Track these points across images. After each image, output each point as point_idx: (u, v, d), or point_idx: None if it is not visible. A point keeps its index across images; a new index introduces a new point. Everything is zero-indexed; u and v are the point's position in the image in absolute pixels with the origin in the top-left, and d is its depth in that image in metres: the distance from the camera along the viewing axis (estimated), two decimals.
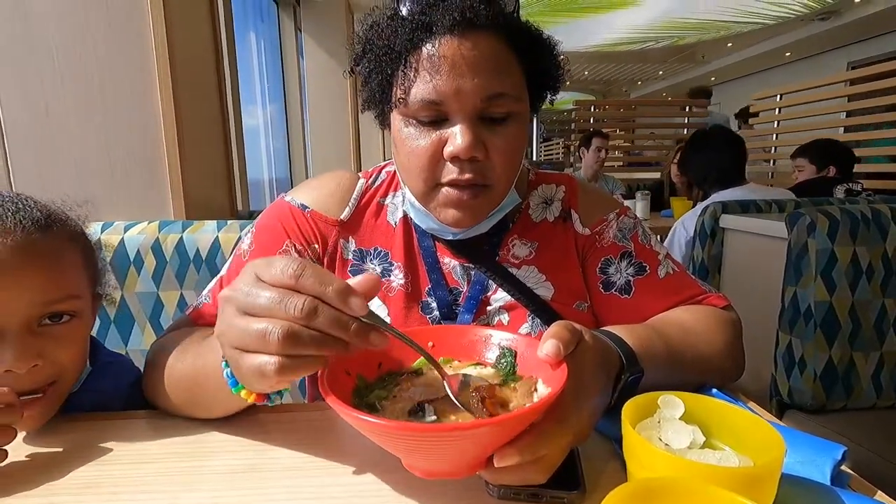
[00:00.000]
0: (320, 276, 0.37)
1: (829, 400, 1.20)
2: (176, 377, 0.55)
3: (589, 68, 10.03)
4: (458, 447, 0.36)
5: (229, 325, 0.39)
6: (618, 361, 0.50)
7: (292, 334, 0.36)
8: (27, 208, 0.55)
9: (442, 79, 0.58)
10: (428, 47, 0.58)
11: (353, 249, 0.72)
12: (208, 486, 0.45)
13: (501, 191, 0.65)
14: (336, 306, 0.37)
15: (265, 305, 0.37)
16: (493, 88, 0.58)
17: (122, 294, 1.05)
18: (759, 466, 0.34)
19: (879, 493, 0.43)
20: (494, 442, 0.36)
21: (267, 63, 3.57)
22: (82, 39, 1.14)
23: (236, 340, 0.39)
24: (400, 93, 0.60)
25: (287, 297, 0.37)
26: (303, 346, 0.37)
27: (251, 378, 0.39)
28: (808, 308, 1.19)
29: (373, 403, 0.42)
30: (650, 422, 0.39)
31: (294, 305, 0.36)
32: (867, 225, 1.19)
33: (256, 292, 0.38)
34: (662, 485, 0.30)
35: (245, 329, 0.38)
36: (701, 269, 1.73)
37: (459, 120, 0.59)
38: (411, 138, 0.62)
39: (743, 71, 9.20)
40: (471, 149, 0.58)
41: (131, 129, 1.19)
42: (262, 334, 0.37)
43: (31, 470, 0.49)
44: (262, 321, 0.37)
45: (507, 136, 0.61)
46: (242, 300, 0.38)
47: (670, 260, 0.74)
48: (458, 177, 0.61)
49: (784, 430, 0.45)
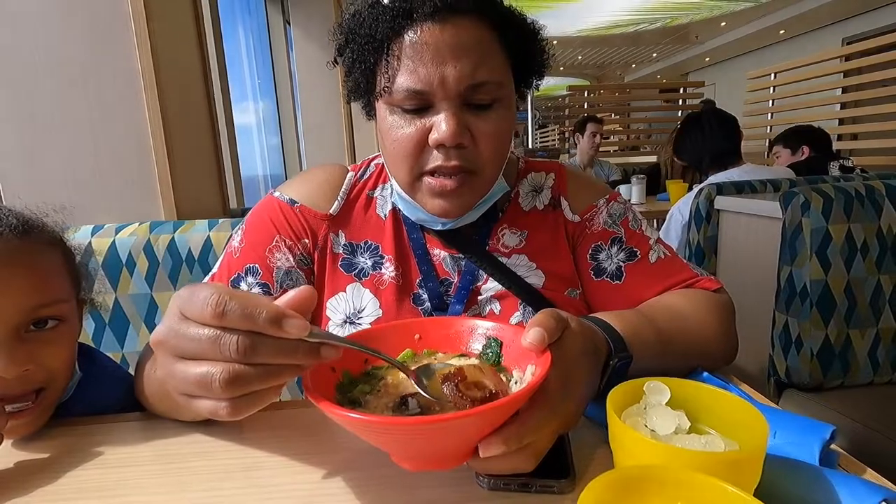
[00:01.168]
0: (246, 306, 0.33)
1: (826, 378, 1.21)
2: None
3: (582, 52, 9.94)
4: (442, 439, 0.36)
5: (170, 373, 0.36)
6: (605, 347, 0.49)
7: (235, 376, 0.33)
8: (2, 216, 0.54)
9: (425, 67, 0.57)
10: (410, 35, 0.58)
11: (344, 243, 0.72)
12: (202, 487, 0.45)
13: (488, 178, 0.65)
14: (273, 335, 0.33)
15: (198, 350, 0.34)
16: (477, 76, 0.58)
17: (115, 297, 1.05)
18: (742, 450, 0.34)
19: (869, 472, 0.43)
20: (479, 432, 0.36)
21: (256, 58, 3.54)
22: (64, 42, 1.13)
23: (181, 388, 0.35)
24: (384, 82, 0.60)
25: (219, 336, 0.33)
26: (249, 384, 0.34)
27: (202, 414, 0.36)
28: (804, 287, 1.18)
29: (356, 399, 0.41)
30: (636, 408, 0.39)
31: (228, 346, 0.33)
32: (861, 202, 1.18)
33: (185, 333, 0.34)
34: (646, 473, 0.30)
35: (185, 376, 0.34)
36: (697, 251, 1.73)
37: (444, 107, 0.59)
38: (396, 127, 0.61)
39: (737, 50, 9.12)
40: (456, 135, 0.58)
41: (118, 131, 1.18)
42: (204, 381, 0.33)
43: (22, 476, 0.49)
44: (201, 365, 0.34)
45: (493, 122, 0.61)
46: (174, 343, 0.35)
47: (661, 244, 0.74)
48: (443, 163, 0.60)
49: (773, 411, 0.45)
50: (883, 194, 1.20)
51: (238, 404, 0.34)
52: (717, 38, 8.88)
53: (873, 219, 1.19)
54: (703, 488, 0.29)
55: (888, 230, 1.19)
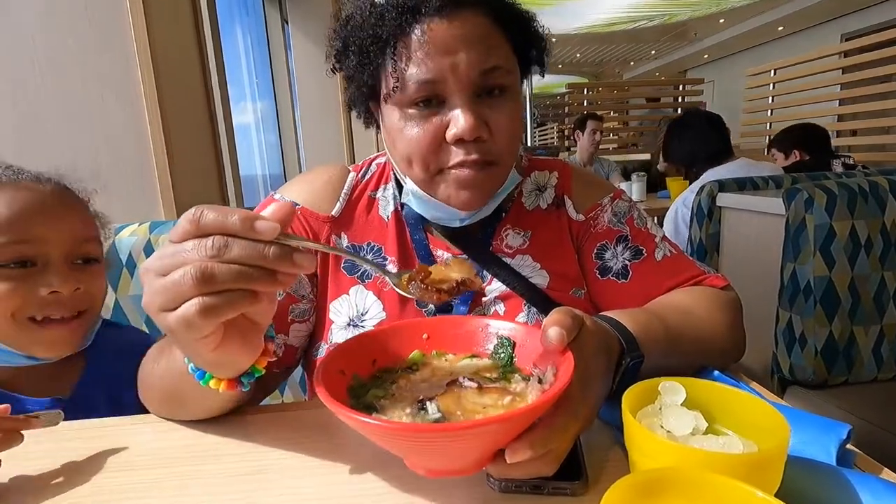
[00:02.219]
0: (220, 211, 0.35)
1: (830, 375, 1.20)
2: (157, 384, 0.55)
3: (581, 50, 9.93)
4: (465, 446, 0.35)
5: (150, 291, 0.37)
6: (618, 346, 0.49)
7: (206, 272, 0.34)
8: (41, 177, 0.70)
9: (435, 58, 0.57)
10: (417, 32, 0.58)
11: (346, 245, 0.71)
12: (209, 490, 0.45)
13: (506, 167, 0.65)
14: (245, 236, 0.35)
15: (176, 260, 0.35)
16: (487, 62, 0.58)
17: (115, 298, 1.04)
18: (764, 451, 0.33)
19: (885, 471, 0.42)
20: (503, 438, 0.36)
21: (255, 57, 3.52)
22: (63, 43, 1.12)
23: (159, 303, 0.36)
24: (392, 81, 0.59)
25: (196, 242, 0.35)
26: (221, 282, 0.34)
27: (182, 335, 0.36)
28: (808, 284, 1.18)
29: (370, 403, 0.41)
30: (651, 409, 0.39)
31: (202, 246, 0.34)
32: (865, 198, 1.18)
33: (167, 252, 0.36)
34: (665, 475, 0.30)
35: (162, 287, 0.35)
36: (699, 248, 1.72)
37: (458, 100, 0.58)
38: (410, 127, 0.61)
39: (736, 47, 9.12)
40: (475, 129, 0.58)
41: (117, 131, 1.17)
42: (177, 283, 0.34)
43: (30, 481, 0.48)
44: (177, 271, 0.35)
45: (506, 111, 0.61)
46: (157, 264, 0.36)
47: (667, 242, 0.73)
48: (465, 158, 0.60)
49: (787, 410, 0.45)
50: (887, 190, 1.19)
51: (207, 303, 0.35)
52: (716, 35, 8.88)
53: (877, 215, 1.18)
54: (726, 491, 0.28)
55: (892, 226, 1.19)
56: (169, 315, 0.36)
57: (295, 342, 0.68)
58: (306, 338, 0.70)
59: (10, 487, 0.47)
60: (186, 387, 0.48)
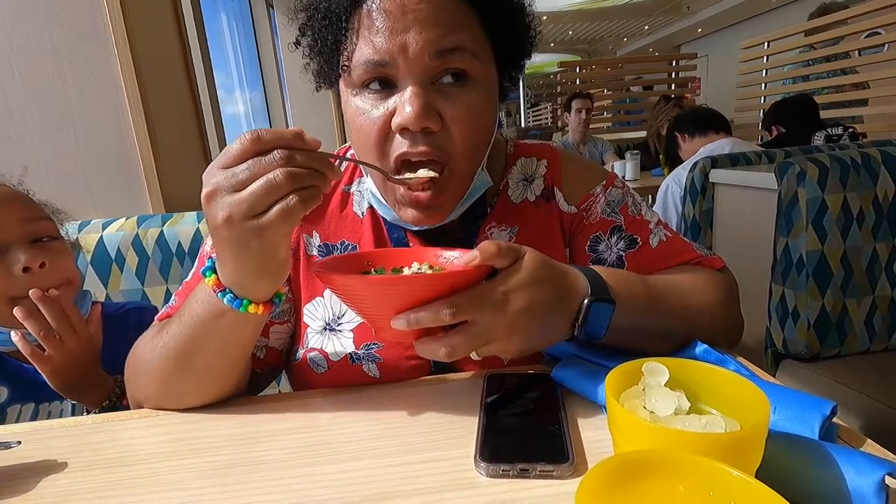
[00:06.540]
0: (272, 131, 0.42)
1: (823, 348, 1.21)
2: (160, 354, 0.54)
3: (573, 27, 9.79)
4: (389, 295, 0.45)
5: (233, 204, 0.41)
6: (578, 284, 0.50)
7: (292, 171, 0.41)
8: None
9: (385, 35, 0.51)
10: (368, 3, 0.52)
11: (318, 244, 0.67)
12: (201, 483, 0.45)
13: (464, 173, 0.58)
14: (298, 146, 0.42)
15: (251, 172, 0.41)
16: (444, 42, 0.51)
17: (106, 293, 1.04)
18: (743, 431, 0.33)
19: (868, 443, 0.42)
20: (424, 293, 0.44)
21: (241, 45, 3.46)
22: (39, 39, 1.10)
23: (245, 210, 0.41)
24: (343, 59, 0.54)
25: (261, 157, 0.41)
26: (301, 179, 0.41)
27: (277, 229, 0.42)
28: (801, 258, 1.18)
29: None
30: (635, 390, 0.39)
31: (273, 157, 0.41)
32: (857, 170, 1.17)
33: (233, 172, 0.41)
34: (644, 457, 0.30)
35: (251, 195, 0.41)
36: (693, 225, 1.72)
37: (408, 84, 0.52)
38: (359, 112, 0.55)
39: (730, 20, 9.00)
40: (421, 117, 0.51)
41: (98, 125, 1.16)
42: (269, 184, 0.40)
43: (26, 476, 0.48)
44: (259, 180, 0.41)
45: (466, 104, 0.54)
46: (229, 182, 0.41)
47: (663, 226, 0.71)
48: (409, 149, 0.53)
49: (774, 387, 0.45)
50: (879, 162, 1.19)
51: (303, 194, 0.42)
52: (710, 9, 8.76)
53: (869, 187, 1.18)
54: (705, 471, 0.28)
55: (884, 198, 1.18)
56: (260, 218, 0.42)
57: (276, 344, 0.66)
58: (288, 339, 0.68)
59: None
60: (211, 333, 0.51)
